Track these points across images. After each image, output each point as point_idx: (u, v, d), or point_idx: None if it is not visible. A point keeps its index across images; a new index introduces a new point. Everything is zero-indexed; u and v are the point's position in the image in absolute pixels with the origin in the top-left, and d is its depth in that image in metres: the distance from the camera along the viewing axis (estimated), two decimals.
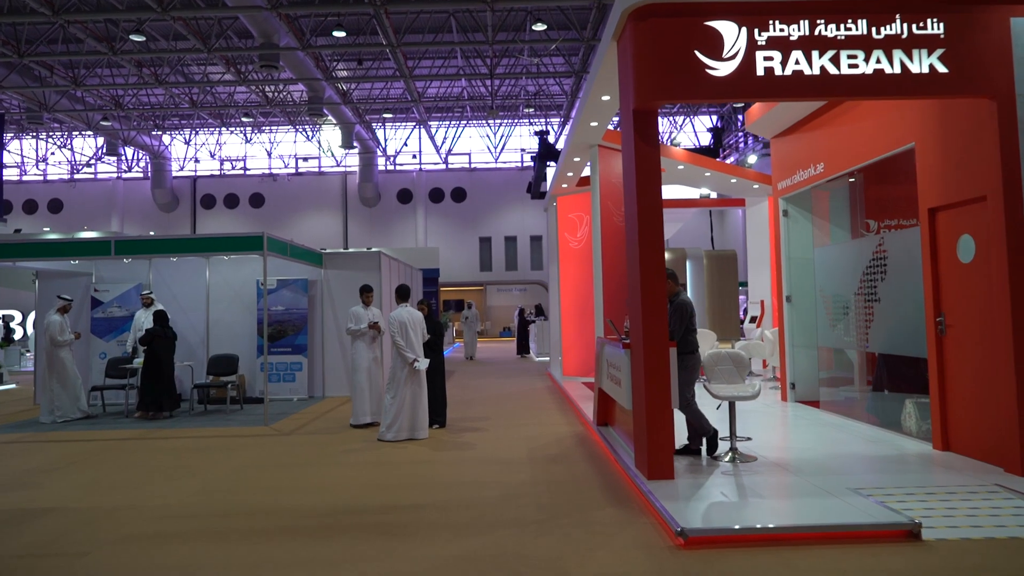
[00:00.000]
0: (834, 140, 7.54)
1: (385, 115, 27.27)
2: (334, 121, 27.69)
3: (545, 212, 14.86)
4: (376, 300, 11.09)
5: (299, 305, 11.25)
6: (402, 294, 7.81)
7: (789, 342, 8.85)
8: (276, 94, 26.73)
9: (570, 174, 11.06)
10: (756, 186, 12.53)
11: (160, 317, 9.46)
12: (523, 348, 21.13)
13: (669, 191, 13.50)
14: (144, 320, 10.05)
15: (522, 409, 9.64)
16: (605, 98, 7.17)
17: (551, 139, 22.60)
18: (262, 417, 9.14)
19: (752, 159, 24.00)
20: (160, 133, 33.14)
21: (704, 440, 5.83)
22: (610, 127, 9.04)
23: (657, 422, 5.05)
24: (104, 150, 32.49)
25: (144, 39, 19.36)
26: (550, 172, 22.70)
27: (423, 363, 7.54)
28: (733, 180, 11.94)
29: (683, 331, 5.64)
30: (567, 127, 28.49)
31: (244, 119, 27.82)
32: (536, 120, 33.08)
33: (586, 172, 11.94)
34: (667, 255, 17.85)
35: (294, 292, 11.27)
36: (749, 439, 5.98)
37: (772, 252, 12.92)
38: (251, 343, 11.27)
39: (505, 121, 33.67)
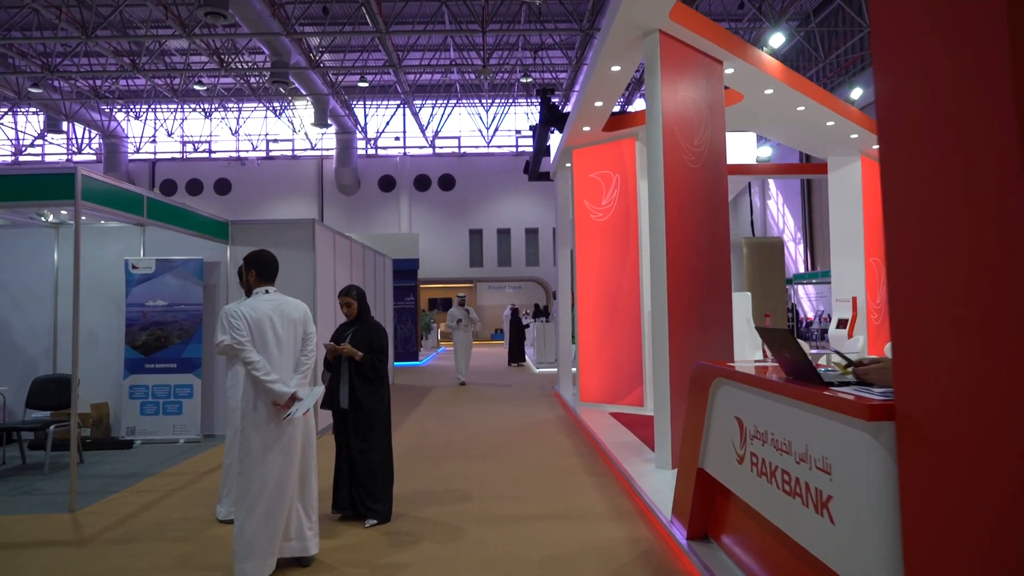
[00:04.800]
0: None
1: (361, 84, 23.44)
2: (304, 92, 23.87)
3: (553, 179, 11.17)
4: (303, 293, 7.40)
5: (190, 299, 7.49)
6: (260, 264, 3.91)
7: None
8: (233, 60, 22.85)
9: (598, 104, 7.35)
10: (855, 136, 8.87)
11: None
12: (516, 355, 17.25)
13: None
14: None
15: (526, 470, 5.91)
16: None
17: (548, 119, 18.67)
18: (90, 485, 5.41)
19: (856, 93, 17.65)
20: (109, 108, 29.22)
21: None
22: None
23: None
24: (45, 126, 28.58)
25: None
26: (554, 146, 18.90)
27: (303, 405, 3.65)
28: (830, 123, 8.27)
29: None
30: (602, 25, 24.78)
31: (197, 87, 23.91)
32: (533, 101, 29.37)
33: (608, 123, 8.23)
34: None
35: (182, 279, 7.50)
36: None
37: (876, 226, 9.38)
38: (118, 355, 7.50)
39: (498, 100, 29.96)
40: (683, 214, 5.51)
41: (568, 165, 9.82)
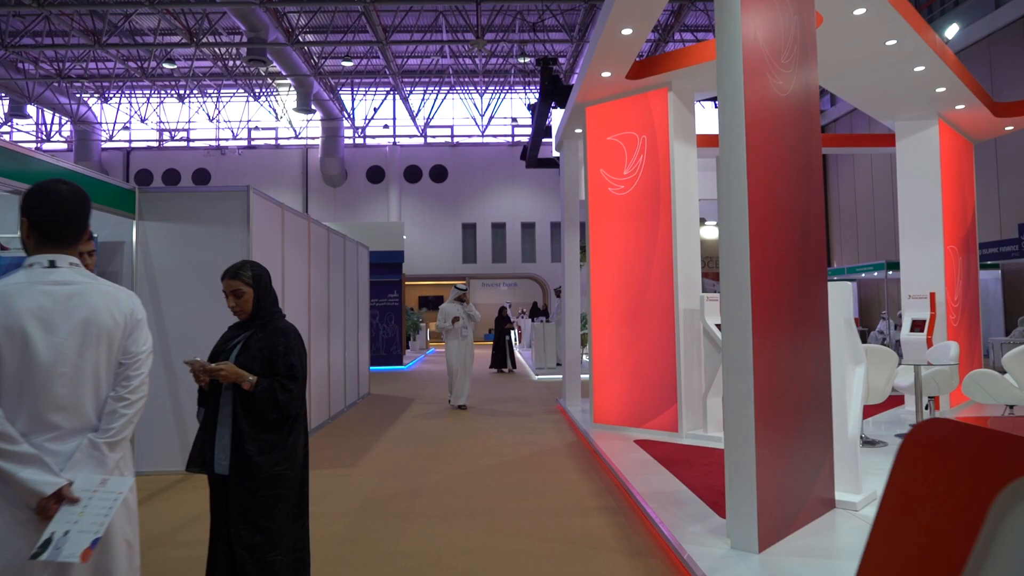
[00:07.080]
0: None
1: (345, 63, 21.55)
2: (284, 73, 21.96)
3: (558, 151, 9.33)
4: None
5: None
6: (39, 209, 1.96)
7: None
8: (207, 38, 20.90)
9: (626, 32, 5.49)
10: (941, 89, 7.04)
11: None
12: (500, 360, 15.12)
13: None
14: None
15: (530, 541, 4.02)
16: None
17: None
18: None
19: (952, 31, 14.70)
20: (78, 93, 27.21)
21: None
22: None
23: None
24: (9, 111, 26.61)
25: None
26: (555, 126, 17.03)
27: (80, 528, 1.69)
28: (919, 68, 6.43)
29: None
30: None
31: (167, 64, 21.98)
32: (530, 87, 27.52)
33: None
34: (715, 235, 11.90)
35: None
36: None
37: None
38: None
39: (493, 86, 28.09)
40: (771, 164, 3.66)
41: (579, 130, 7.99)
